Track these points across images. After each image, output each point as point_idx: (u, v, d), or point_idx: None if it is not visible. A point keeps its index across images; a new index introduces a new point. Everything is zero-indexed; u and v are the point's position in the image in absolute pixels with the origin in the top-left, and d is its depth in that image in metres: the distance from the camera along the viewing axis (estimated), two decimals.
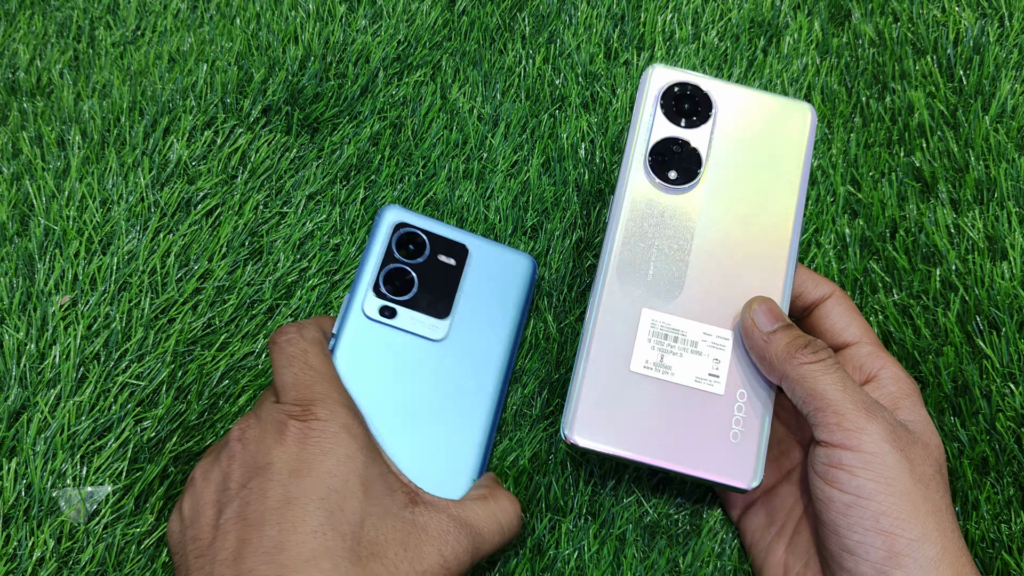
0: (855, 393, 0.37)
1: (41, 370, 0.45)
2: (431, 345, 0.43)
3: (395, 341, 0.42)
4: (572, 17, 0.56)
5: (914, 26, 0.55)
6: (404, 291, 0.43)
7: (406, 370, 0.42)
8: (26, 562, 0.40)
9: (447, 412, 0.42)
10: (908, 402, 0.39)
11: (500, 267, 0.45)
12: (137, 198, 0.49)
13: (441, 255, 0.44)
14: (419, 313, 0.43)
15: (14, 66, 0.57)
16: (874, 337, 0.42)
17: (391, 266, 0.43)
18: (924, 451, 0.37)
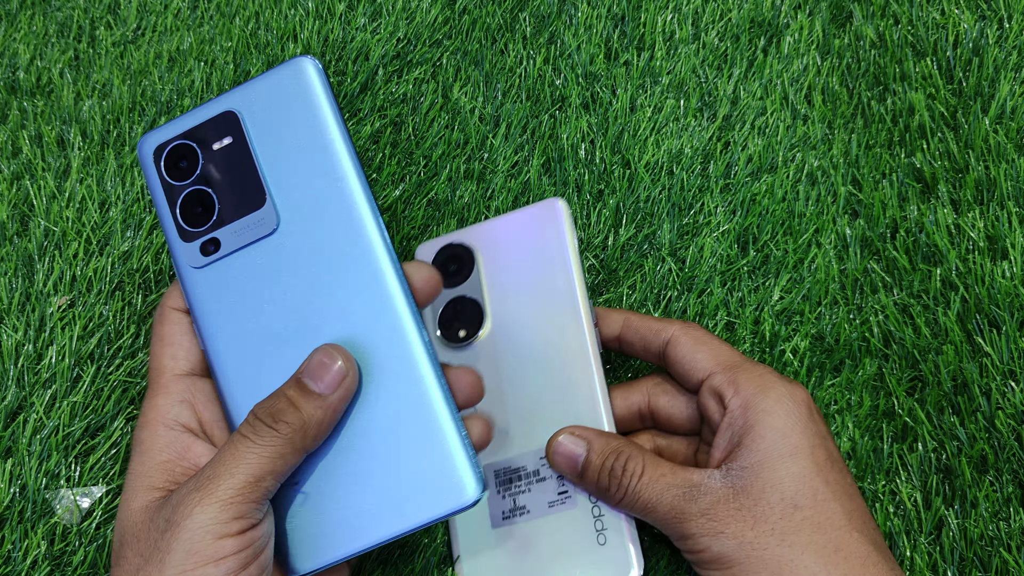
0: (663, 508, 0.37)
1: (38, 370, 0.44)
2: (270, 243, 0.34)
3: (236, 270, 0.35)
4: (572, 17, 0.56)
5: (914, 28, 0.55)
6: (208, 212, 0.35)
7: (273, 290, 0.34)
8: (20, 565, 0.40)
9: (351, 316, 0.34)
10: (749, 437, 0.36)
11: (280, 101, 0.35)
12: (134, 198, 0.49)
13: (214, 143, 0.35)
14: (236, 222, 0.35)
15: (14, 65, 0.57)
16: (725, 358, 0.39)
17: (180, 197, 0.35)
18: (756, 507, 0.35)
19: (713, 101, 0.54)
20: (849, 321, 0.48)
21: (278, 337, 0.34)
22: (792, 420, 0.36)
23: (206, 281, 0.35)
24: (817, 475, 0.35)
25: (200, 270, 0.35)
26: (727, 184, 0.52)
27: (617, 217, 0.50)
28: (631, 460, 0.37)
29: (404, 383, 0.34)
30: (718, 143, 0.53)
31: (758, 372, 0.38)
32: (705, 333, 0.41)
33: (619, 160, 0.52)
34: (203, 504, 0.31)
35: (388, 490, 0.33)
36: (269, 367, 0.34)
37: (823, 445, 0.36)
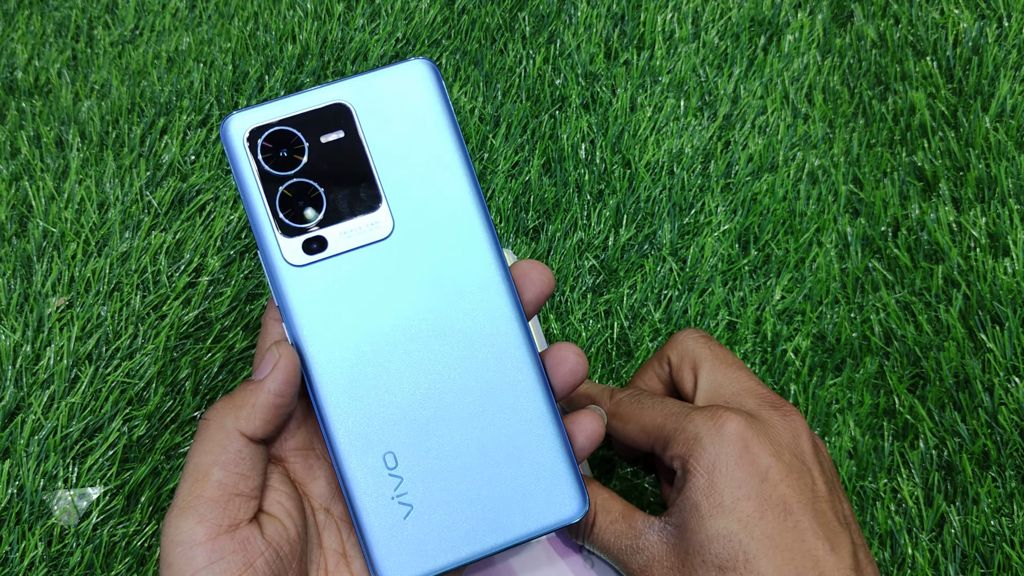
0: (611, 558, 0.36)
1: (36, 371, 0.44)
2: (383, 248, 0.32)
3: (345, 274, 0.32)
4: (572, 17, 0.56)
5: (914, 28, 0.55)
6: (314, 208, 0.32)
7: (384, 299, 0.32)
8: (17, 567, 0.40)
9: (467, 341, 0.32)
10: (680, 498, 0.34)
11: (397, 99, 0.33)
12: (132, 199, 0.49)
13: (323, 135, 0.32)
14: (348, 221, 0.32)
15: (12, 65, 0.56)
16: (652, 422, 0.37)
17: (280, 188, 0.32)
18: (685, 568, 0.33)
19: (713, 100, 0.54)
20: (850, 320, 0.48)
21: (385, 346, 0.32)
22: (716, 474, 0.33)
23: (307, 282, 0.32)
24: (743, 532, 0.33)
25: (300, 269, 0.32)
26: (728, 183, 0.51)
27: (618, 217, 0.50)
28: (601, 513, 0.36)
29: (515, 397, 0.33)
30: (719, 142, 0.53)
31: (683, 426, 0.35)
32: (629, 400, 0.38)
33: (619, 160, 0.52)
34: (170, 517, 0.30)
35: (493, 501, 0.32)
36: (375, 377, 0.32)
37: (755, 492, 0.33)
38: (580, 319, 0.48)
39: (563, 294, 0.48)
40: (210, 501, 0.30)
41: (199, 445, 0.31)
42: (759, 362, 0.47)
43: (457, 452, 0.32)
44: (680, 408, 0.36)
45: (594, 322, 0.48)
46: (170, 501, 0.43)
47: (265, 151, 0.32)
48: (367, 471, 0.32)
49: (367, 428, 0.32)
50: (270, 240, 0.32)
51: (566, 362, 0.33)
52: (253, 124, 0.32)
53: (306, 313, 0.32)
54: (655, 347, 0.47)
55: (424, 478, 0.32)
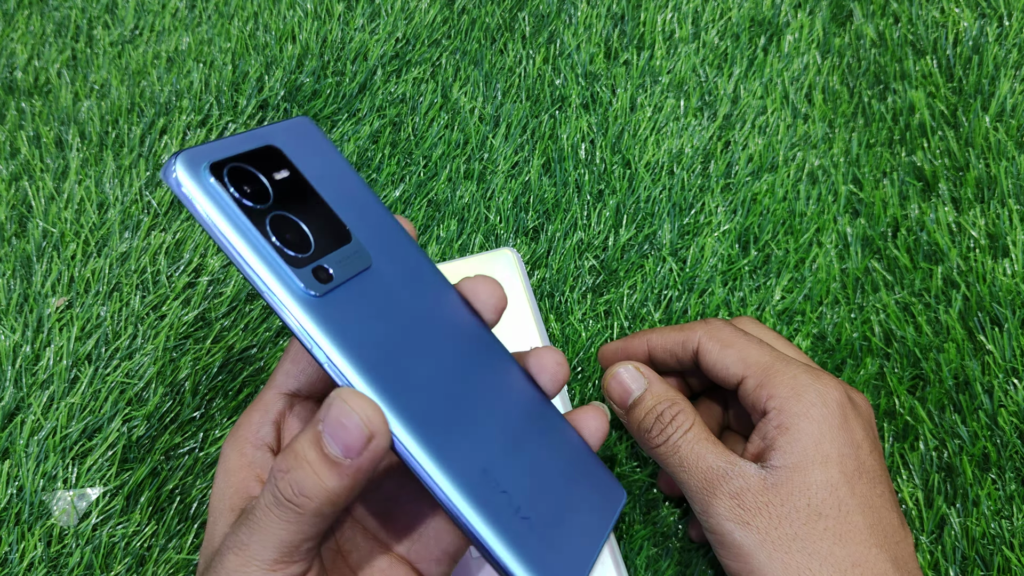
0: (697, 472, 0.36)
1: (35, 371, 0.44)
2: (372, 277, 0.31)
3: (356, 302, 0.30)
4: (572, 17, 0.56)
5: (914, 27, 0.55)
6: (303, 240, 0.30)
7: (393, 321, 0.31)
8: (17, 567, 0.40)
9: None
10: (783, 439, 0.36)
11: (304, 145, 0.32)
12: (132, 199, 0.49)
13: (274, 173, 0.30)
14: (335, 252, 0.30)
15: (12, 65, 0.56)
16: (755, 359, 0.38)
17: (268, 217, 0.29)
18: (783, 507, 0.35)
19: (713, 100, 0.54)
20: (850, 320, 0.48)
21: (424, 370, 0.31)
22: (824, 427, 0.36)
23: (331, 310, 0.29)
24: (844, 485, 0.35)
25: (322, 299, 0.29)
26: (728, 184, 0.51)
27: (617, 217, 0.50)
28: (683, 414, 0.37)
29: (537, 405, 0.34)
30: (718, 142, 0.52)
31: (791, 373, 0.37)
32: (731, 332, 0.40)
33: (619, 160, 0.52)
34: (243, 570, 0.29)
35: (577, 503, 0.33)
36: (434, 401, 0.30)
37: (854, 454, 0.36)
38: (580, 319, 0.48)
39: (563, 294, 0.48)
40: (296, 563, 0.29)
41: (290, 525, 0.29)
42: None
43: (529, 461, 0.32)
44: (783, 357, 0.38)
45: (594, 322, 0.48)
46: (178, 501, 0.42)
47: (234, 184, 0.29)
48: (480, 491, 0.29)
49: (457, 451, 0.30)
50: (283, 275, 0.28)
51: (545, 370, 0.34)
52: (210, 159, 0.29)
53: (348, 343, 0.29)
54: None
55: (520, 488, 0.31)
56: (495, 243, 0.50)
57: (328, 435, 0.28)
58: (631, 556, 0.43)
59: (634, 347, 0.42)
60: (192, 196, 0.28)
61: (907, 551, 0.36)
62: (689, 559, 0.43)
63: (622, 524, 0.44)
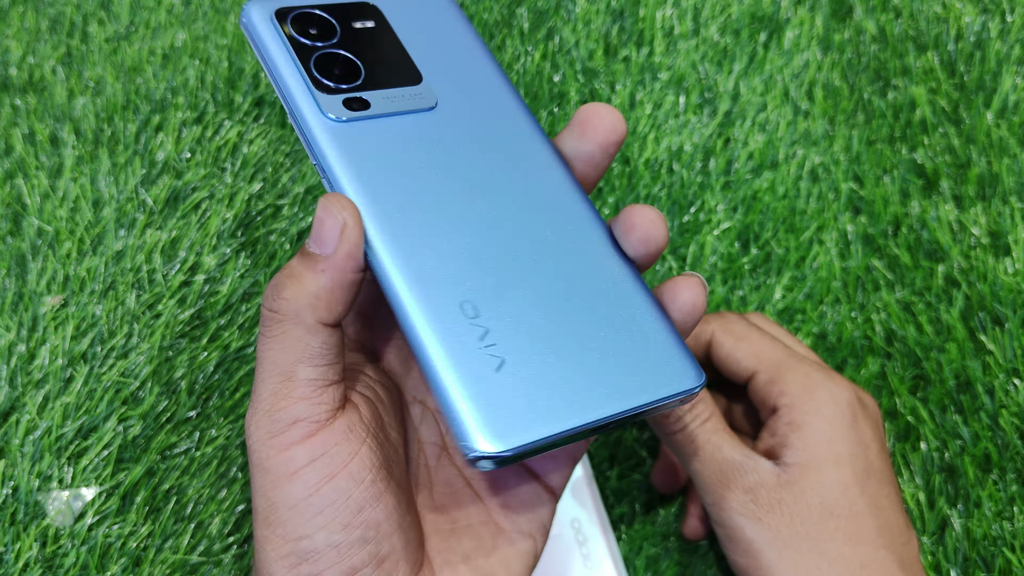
0: (712, 463, 0.36)
1: (30, 371, 0.44)
2: (430, 117, 0.31)
3: (392, 135, 0.30)
4: (571, 12, 0.56)
5: (915, 22, 0.55)
6: (352, 75, 0.30)
7: (439, 165, 0.30)
8: (12, 568, 0.40)
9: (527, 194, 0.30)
10: (795, 437, 0.36)
11: (416, 5, 0.33)
12: (127, 197, 0.49)
13: (355, 22, 0.32)
14: (390, 89, 0.31)
15: (6, 62, 0.56)
16: (767, 355, 0.38)
17: (316, 54, 0.30)
18: (795, 504, 0.35)
19: (713, 97, 0.53)
20: (851, 319, 0.48)
21: (446, 202, 0.29)
22: (836, 425, 0.36)
23: (353, 137, 0.29)
24: (855, 485, 0.35)
25: (344, 124, 0.29)
26: (728, 181, 0.51)
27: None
28: (702, 403, 0.36)
29: (598, 260, 0.29)
30: (719, 139, 0.52)
31: (803, 371, 0.37)
32: (745, 326, 0.39)
33: (619, 157, 0.51)
34: (255, 421, 0.27)
35: (599, 364, 0.27)
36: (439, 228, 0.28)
37: (864, 454, 0.36)
38: None
39: None
40: (301, 400, 0.27)
41: (276, 342, 0.27)
42: None
43: (548, 311, 0.28)
44: (795, 354, 0.38)
45: None
46: (174, 501, 0.42)
47: (295, 25, 0.30)
48: (442, 316, 0.26)
49: (438, 275, 0.27)
50: (306, 98, 0.29)
51: (636, 228, 0.29)
52: (279, 6, 0.31)
53: (355, 168, 0.29)
54: None
55: (514, 331, 0.27)
56: None
57: (310, 238, 0.27)
58: (631, 556, 0.43)
59: None
60: (255, 35, 0.30)
61: (912, 553, 0.36)
62: (689, 559, 0.43)
63: (622, 524, 0.43)
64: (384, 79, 0.31)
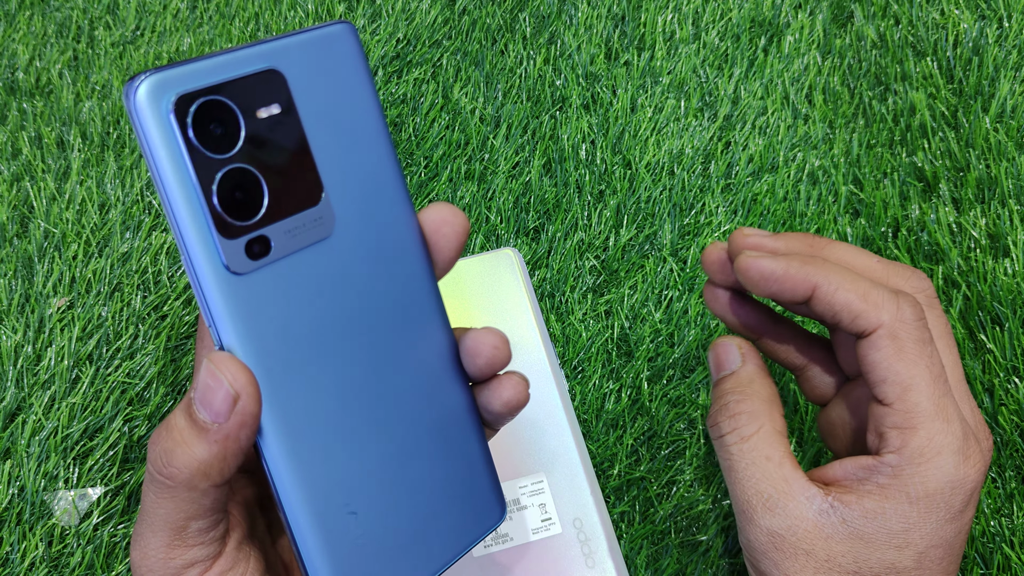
0: (742, 489, 0.31)
1: (37, 372, 0.44)
2: (325, 249, 0.28)
3: (286, 282, 0.27)
4: (573, 18, 0.56)
5: (914, 28, 0.55)
6: (255, 201, 0.26)
7: (323, 314, 0.28)
8: (18, 567, 0.40)
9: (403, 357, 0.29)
10: (881, 494, 0.29)
11: (322, 67, 0.28)
12: (133, 200, 0.49)
13: (259, 109, 0.26)
14: (290, 218, 0.27)
15: (13, 66, 0.56)
16: (921, 390, 0.29)
17: (220, 172, 0.25)
18: (825, 563, 0.29)
19: (714, 101, 0.54)
20: None
21: (330, 364, 0.28)
22: (932, 515, 0.29)
23: (251, 291, 0.26)
24: (912, 570, 0.29)
25: (241, 277, 0.26)
26: (728, 184, 0.51)
27: (618, 217, 0.50)
28: (748, 416, 0.31)
29: (442, 408, 0.31)
30: (719, 143, 0.53)
31: (939, 429, 0.29)
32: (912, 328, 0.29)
33: (620, 160, 0.52)
34: (147, 565, 0.28)
35: (435, 514, 0.30)
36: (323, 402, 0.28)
37: (937, 548, 0.29)
38: (581, 319, 0.48)
39: (564, 294, 0.48)
40: (194, 547, 0.28)
41: (167, 502, 0.27)
42: None
43: (402, 477, 0.30)
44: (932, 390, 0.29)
45: (595, 322, 0.48)
46: None
47: (198, 126, 0.25)
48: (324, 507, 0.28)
49: (321, 459, 0.28)
50: (206, 243, 0.25)
51: (480, 355, 0.30)
52: (182, 89, 0.25)
53: (249, 329, 0.26)
54: (655, 347, 0.47)
55: (374, 510, 0.29)
56: (496, 243, 0.50)
57: (197, 400, 0.26)
58: (631, 556, 0.43)
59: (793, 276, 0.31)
60: (145, 132, 0.24)
61: None
62: (689, 558, 0.43)
63: (622, 523, 0.44)
64: (286, 203, 0.27)
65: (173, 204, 0.25)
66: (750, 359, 0.34)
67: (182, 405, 0.26)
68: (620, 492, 0.45)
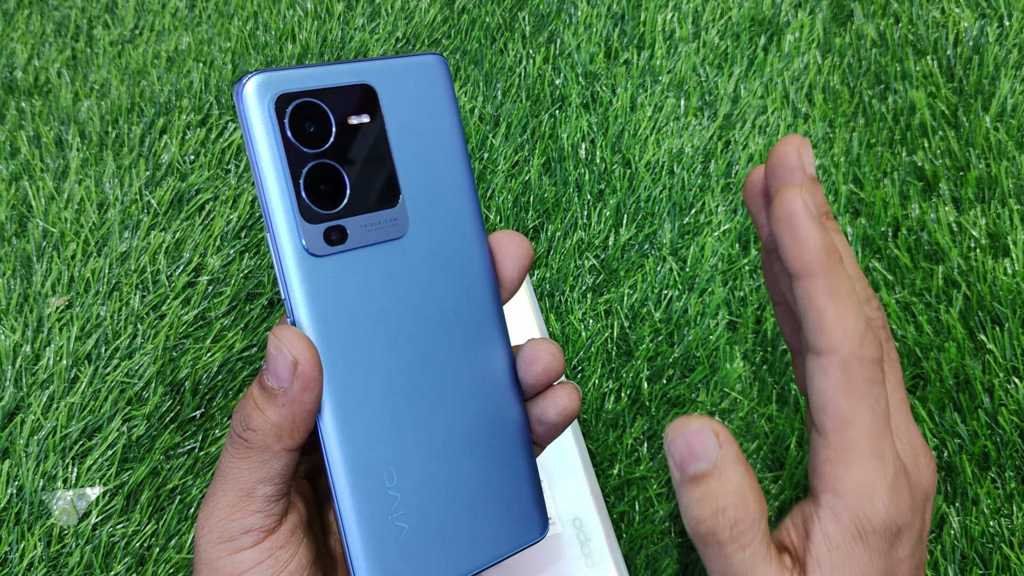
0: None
1: (35, 371, 0.44)
2: (398, 248, 0.30)
3: (360, 270, 0.30)
4: (572, 16, 0.56)
5: (914, 27, 0.55)
6: (338, 194, 0.29)
7: (396, 302, 0.30)
8: (16, 567, 0.40)
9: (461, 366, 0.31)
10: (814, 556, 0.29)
11: (414, 90, 0.31)
12: (132, 199, 0.49)
13: (350, 116, 0.30)
14: (368, 215, 0.30)
15: (12, 65, 0.56)
16: (860, 427, 0.29)
17: (306, 167, 0.29)
18: None
19: (714, 100, 0.54)
20: None
21: (392, 354, 0.30)
22: (878, 552, 0.29)
23: (325, 274, 0.29)
24: None
25: (319, 259, 0.29)
26: (728, 183, 0.51)
27: (618, 217, 0.50)
28: (749, 523, 0.30)
29: (499, 421, 0.33)
30: (719, 142, 0.52)
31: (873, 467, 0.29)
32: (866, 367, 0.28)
33: (620, 159, 0.52)
34: (209, 525, 0.30)
35: (474, 516, 0.32)
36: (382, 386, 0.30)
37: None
38: (580, 318, 0.48)
39: (563, 293, 0.48)
40: (256, 513, 0.30)
41: (242, 463, 0.30)
42: (759, 362, 0.47)
43: (447, 473, 0.32)
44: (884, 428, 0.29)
45: (594, 321, 0.48)
46: (178, 500, 0.42)
47: (294, 122, 0.29)
48: (369, 489, 0.30)
49: (372, 442, 0.30)
50: (290, 225, 0.28)
51: (537, 362, 0.33)
52: (283, 89, 0.28)
53: (319, 309, 0.29)
54: (655, 347, 0.47)
55: (418, 499, 0.31)
56: None
57: (265, 369, 0.29)
58: (631, 556, 0.43)
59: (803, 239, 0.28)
60: (248, 124, 0.28)
61: None
62: (689, 558, 0.43)
63: (621, 523, 0.44)
64: (365, 201, 0.30)
65: (265, 187, 0.28)
66: (728, 446, 0.31)
67: (257, 377, 0.29)
68: (620, 492, 0.45)
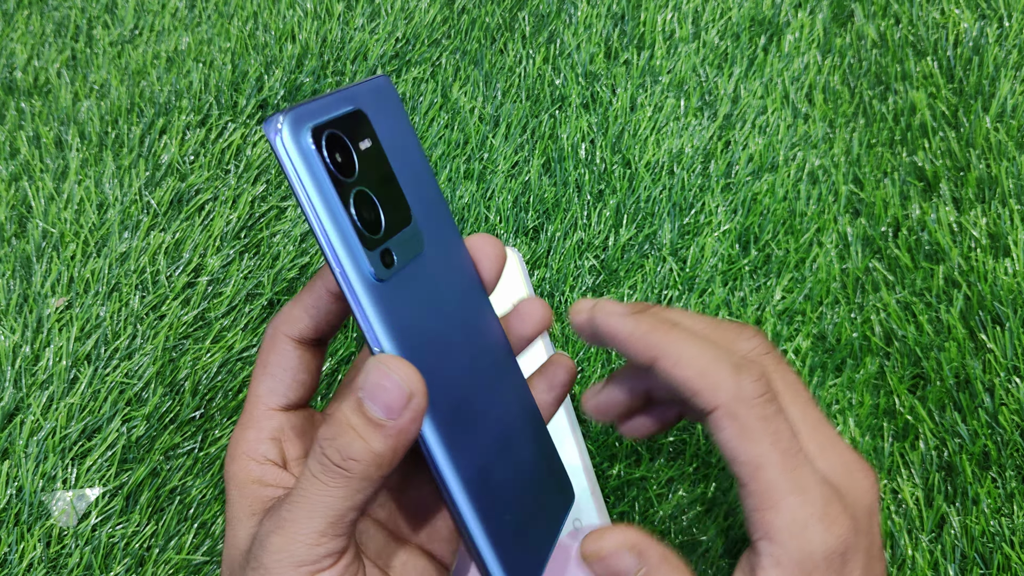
0: None
1: (35, 372, 0.44)
2: (423, 262, 0.31)
3: (409, 286, 0.30)
4: (572, 17, 0.56)
5: (915, 28, 0.55)
6: (377, 218, 0.30)
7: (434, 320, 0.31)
8: (16, 568, 0.40)
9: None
10: None
11: (385, 112, 0.32)
12: (131, 199, 0.49)
13: (360, 143, 0.30)
14: (399, 234, 0.30)
15: (11, 65, 0.56)
16: (771, 467, 0.29)
17: (352, 193, 0.29)
18: None
19: (713, 100, 0.54)
20: (851, 320, 0.48)
21: (453, 363, 0.31)
22: None
23: (391, 298, 0.29)
24: None
25: (383, 284, 0.29)
26: (728, 183, 0.51)
27: (618, 217, 0.50)
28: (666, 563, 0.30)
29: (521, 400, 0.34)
30: (719, 142, 0.52)
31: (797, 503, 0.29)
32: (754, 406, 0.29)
33: (619, 160, 0.52)
34: (289, 550, 0.29)
35: (543, 494, 0.34)
36: (459, 397, 0.31)
37: None
38: None
39: (563, 294, 0.48)
40: (340, 536, 0.29)
41: (336, 490, 0.29)
42: None
43: (516, 463, 0.33)
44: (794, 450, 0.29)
45: None
46: (177, 501, 0.42)
47: (330, 153, 0.28)
48: (483, 494, 0.30)
49: (469, 450, 0.30)
50: (357, 255, 0.28)
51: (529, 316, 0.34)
52: (314, 122, 0.28)
53: (398, 332, 0.29)
54: None
55: (505, 489, 0.32)
56: None
57: (368, 399, 0.28)
58: None
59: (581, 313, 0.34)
60: (292, 158, 0.27)
61: None
62: (689, 558, 0.43)
63: (621, 523, 0.44)
64: (395, 220, 0.30)
65: (323, 222, 0.28)
66: (647, 554, 0.31)
67: (351, 404, 0.29)
68: (620, 492, 0.44)
